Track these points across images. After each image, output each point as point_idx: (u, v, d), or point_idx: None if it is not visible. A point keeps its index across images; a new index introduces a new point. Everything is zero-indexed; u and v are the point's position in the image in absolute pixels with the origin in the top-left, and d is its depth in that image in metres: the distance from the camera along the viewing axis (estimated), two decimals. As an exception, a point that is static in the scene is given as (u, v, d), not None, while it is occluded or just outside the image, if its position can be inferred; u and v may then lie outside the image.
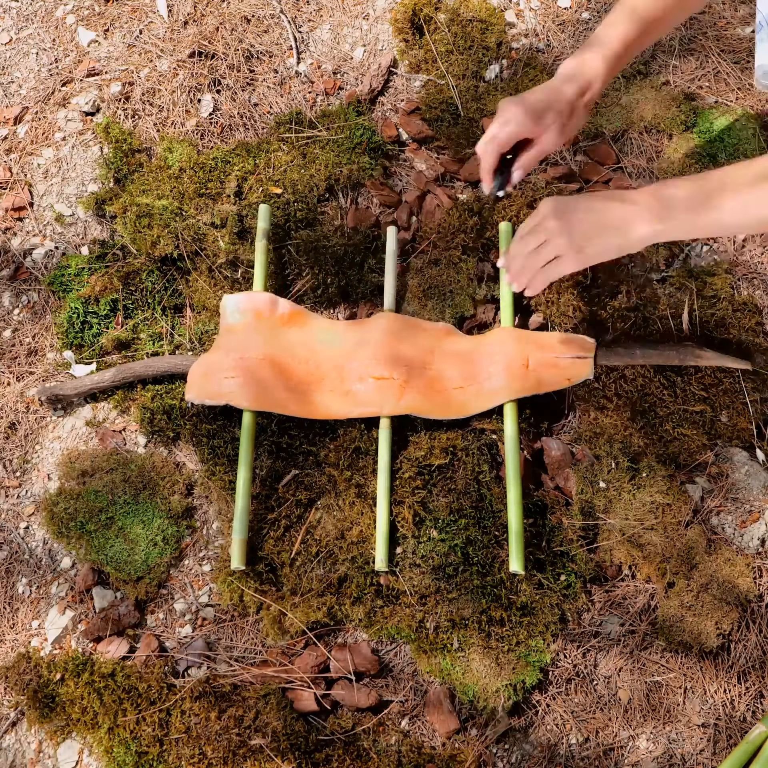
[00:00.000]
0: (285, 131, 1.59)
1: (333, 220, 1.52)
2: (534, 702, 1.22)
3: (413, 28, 1.68)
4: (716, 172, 1.05)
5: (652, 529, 1.27)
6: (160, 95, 1.66)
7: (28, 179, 1.62)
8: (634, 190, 1.09)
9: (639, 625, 1.25)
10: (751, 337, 1.39)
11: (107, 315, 1.47)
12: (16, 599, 1.33)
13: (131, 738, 1.19)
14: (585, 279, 1.45)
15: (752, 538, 1.28)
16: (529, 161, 1.18)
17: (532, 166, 1.19)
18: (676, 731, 1.21)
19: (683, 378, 1.37)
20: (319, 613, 1.25)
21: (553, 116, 1.15)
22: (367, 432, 1.34)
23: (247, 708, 1.20)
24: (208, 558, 1.33)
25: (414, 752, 1.19)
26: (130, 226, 1.50)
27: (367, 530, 1.28)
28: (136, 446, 1.40)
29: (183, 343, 1.45)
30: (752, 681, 1.22)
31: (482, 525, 1.27)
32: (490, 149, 1.17)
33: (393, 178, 1.58)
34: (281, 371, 1.36)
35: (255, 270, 1.43)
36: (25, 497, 1.39)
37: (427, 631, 1.24)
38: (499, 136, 1.15)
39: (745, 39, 1.64)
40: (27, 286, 1.54)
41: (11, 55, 1.75)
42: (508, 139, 1.16)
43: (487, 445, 1.33)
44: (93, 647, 1.28)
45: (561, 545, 1.27)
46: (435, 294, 1.43)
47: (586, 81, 1.17)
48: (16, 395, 1.45)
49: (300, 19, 1.74)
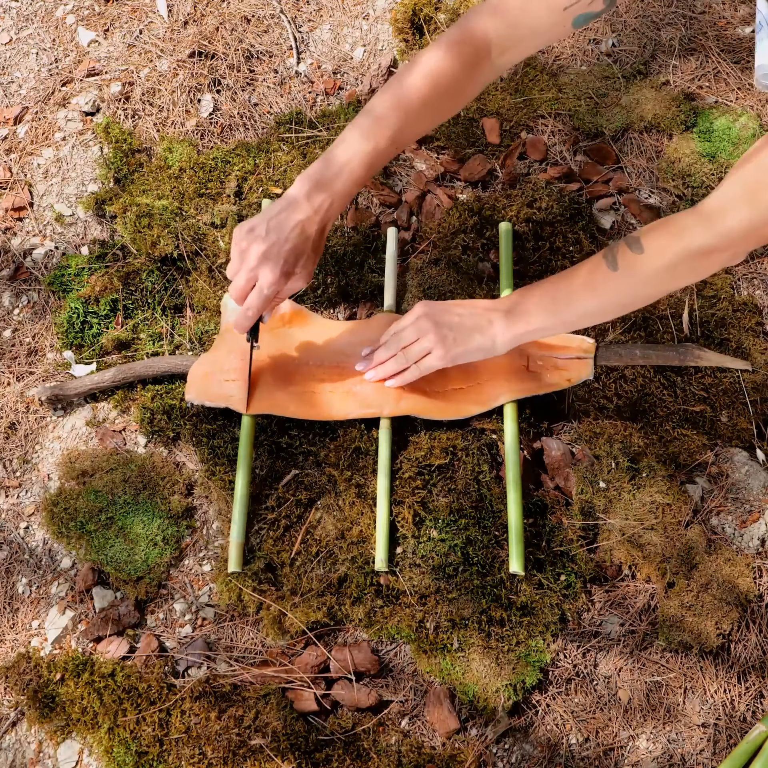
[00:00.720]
0: (285, 131, 1.59)
1: (333, 220, 1.53)
2: (534, 702, 1.22)
3: (413, 28, 1.68)
4: (563, 280, 1.16)
5: (652, 529, 1.27)
6: (160, 95, 1.66)
7: (28, 179, 1.62)
8: (498, 300, 1.22)
9: (639, 625, 1.25)
10: (751, 337, 1.39)
11: (107, 315, 1.47)
12: (16, 599, 1.33)
13: (131, 738, 1.19)
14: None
15: (752, 538, 1.28)
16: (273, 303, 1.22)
17: None
18: (676, 731, 1.21)
19: (683, 378, 1.37)
20: (319, 613, 1.25)
21: (303, 263, 1.18)
22: (367, 432, 1.34)
23: (247, 708, 1.20)
24: (208, 558, 1.33)
25: (414, 752, 1.19)
26: (130, 226, 1.50)
27: (367, 530, 1.28)
28: (136, 446, 1.40)
29: (183, 343, 1.45)
30: (752, 681, 1.22)
31: (482, 525, 1.27)
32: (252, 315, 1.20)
33: (393, 178, 1.58)
34: (281, 373, 1.36)
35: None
36: (25, 497, 1.39)
37: (427, 631, 1.24)
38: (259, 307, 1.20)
39: (745, 39, 1.64)
40: (27, 286, 1.54)
41: (11, 55, 1.76)
42: None
43: (487, 445, 1.33)
44: (93, 647, 1.28)
45: (561, 545, 1.27)
46: (435, 294, 1.43)
47: (329, 216, 1.17)
48: (16, 395, 1.45)
49: (300, 19, 1.74)
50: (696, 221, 1.03)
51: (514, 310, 1.18)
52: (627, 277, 1.09)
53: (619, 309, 1.17)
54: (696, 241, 1.03)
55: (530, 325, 1.17)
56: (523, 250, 1.47)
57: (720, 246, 1.02)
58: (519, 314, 1.17)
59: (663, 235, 1.06)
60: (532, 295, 1.18)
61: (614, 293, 1.12)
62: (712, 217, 1.01)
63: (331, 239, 1.49)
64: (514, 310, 1.18)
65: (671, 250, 1.05)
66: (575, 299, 1.14)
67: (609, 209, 1.53)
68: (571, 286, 1.14)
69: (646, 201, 1.53)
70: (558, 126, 1.59)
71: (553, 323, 1.17)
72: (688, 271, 1.07)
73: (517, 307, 1.18)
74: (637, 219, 1.51)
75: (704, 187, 1.50)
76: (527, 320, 1.17)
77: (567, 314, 1.16)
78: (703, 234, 1.02)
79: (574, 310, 1.15)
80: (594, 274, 1.12)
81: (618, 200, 1.53)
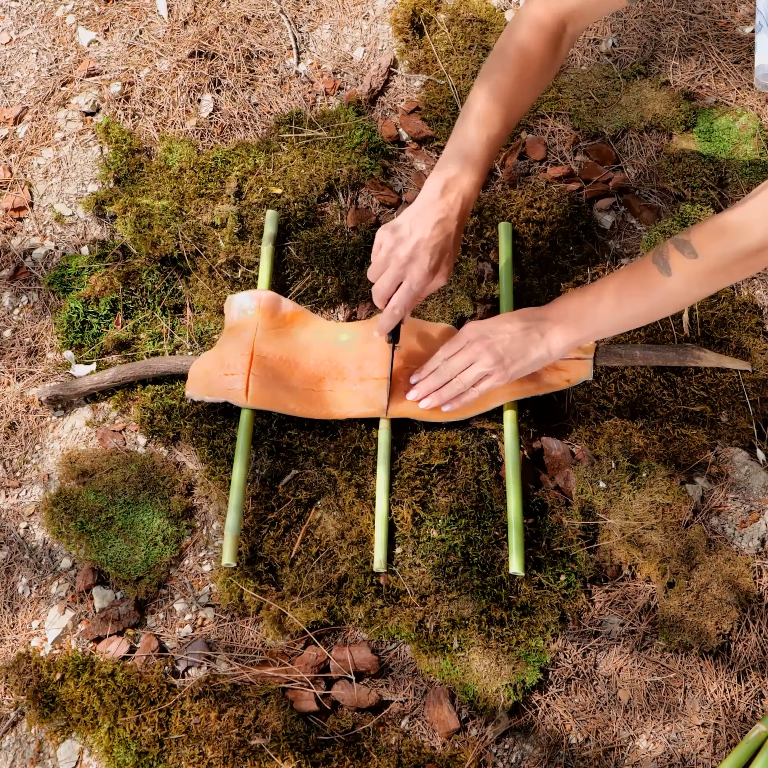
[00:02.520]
0: (285, 131, 1.59)
1: (333, 220, 1.52)
2: (534, 702, 1.22)
3: (413, 28, 1.68)
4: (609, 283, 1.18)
5: (652, 529, 1.27)
6: (160, 95, 1.66)
7: (28, 179, 1.62)
8: (544, 309, 1.23)
9: (639, 625, 1.25)
10: (751, 337, 1.39)
11: (107, 315, 1.47)
12: (16, 599, 1.33)
13: (131, 738, 1.19)
14: (585, 279, 1.45)
15: (752, 538, 1.28)
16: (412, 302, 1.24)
17: None
18: (676, 731, 1.21)
19: (683, 378, 1.37)
20: (319, 613, 1.25)
21: (446, 260, 1.21)
22: (367, 432, 1.34)
23: (247, 708, 1.20)
24: (208, 558, 1.33)
25: (414, 752, 1.19)
26: (130, 226, 1.50)
27: (367, 530, 1.28)
28: (136, 446, 1.40)
29: (183, 343, 1.45)
30: (752, 681, 1.22)
31: (482, 525, 1.27)
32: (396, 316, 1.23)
33: (393, 178, 1.58)
34: (282, 370, 1.36)
35: (260, 273, 1.44)
36: (25, 497, 1.39)
37: (427, 631, 1.24)
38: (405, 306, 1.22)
39: (745, 39, 1.64)
40: (27, 286, 1.54)
41: (11, 55, 1.76)
42: None
43: (487, 445, 1.33)
44: (93, 647, 1.28)
45: (561, 545, 1.27)
46: (435, 294, 1.43)
47: (464, 211, 1.20)
48: (16, 395, 1.45)
49: (300, 19, 1.74)
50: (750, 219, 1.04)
51: (566, 319, 1.20)
52: (681, 280, 1.10)
53: (672, 309, 1.19)
54: (752, 240, 1.04)
55: (585, 331, 1.20)
56: (523, 250, 1.47)
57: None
58: (573, 323, 1.19)
59: (716, 236, 1.07)
60: (583, 302, 1.19)
61: (667, 296, 1.13)
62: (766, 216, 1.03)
63: (331, 239, 1.49)
64: (567, 320, 1.20)
65: (727, 251, 1.06)
66: (627, 305, 1.16)
67: (609, 209, 1.53)
68: (622, 294, 1.16)
69: (646, 201, 1.53)
70: (558, 126, 1.59)
71: (606, 328, 1.20)
72: (741, 270, 1.09)
73: (569, 316, 1.20)
74: (637, 219, 1.51)
75: (704, 187, 1.50)
76: (582, 327, 1.19)
77: (621, 319, 1.18)
78: (760, 232, 1.03)
79: (627, 314, 1.17)
80: (646, 278, 1.13)
81: (618, 200, 1.53)
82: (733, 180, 1.51)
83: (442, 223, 1.18)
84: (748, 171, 1.51)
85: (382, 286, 1.21)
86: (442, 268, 1.21)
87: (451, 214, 1.19)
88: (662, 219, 1.50)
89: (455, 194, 1.19)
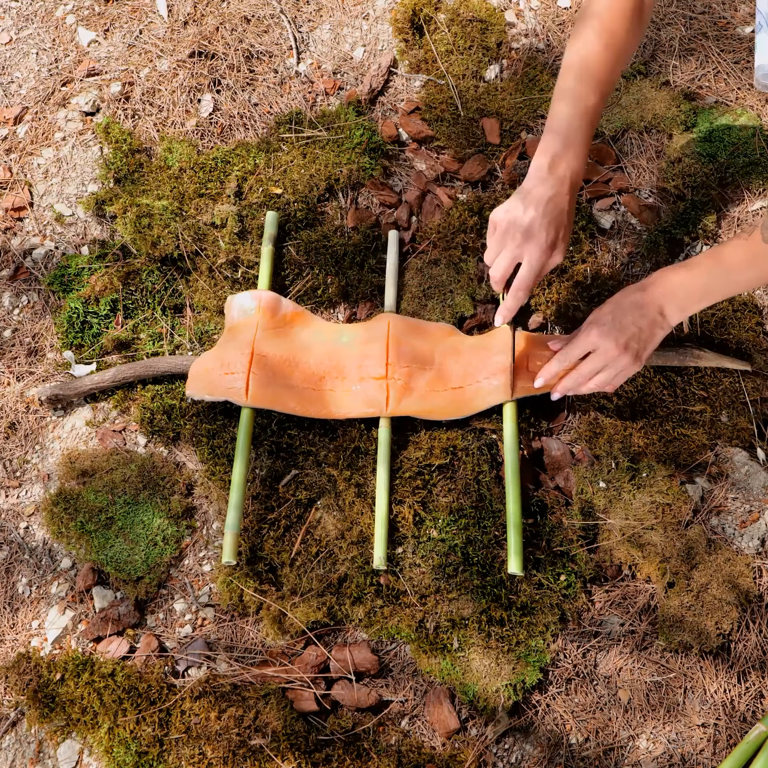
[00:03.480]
0: (285, 131, 1.59)
1: (333, 220, 1.53)
2: (534, 702, 1.22)
3: (413, 28, 1.68)
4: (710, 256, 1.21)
5: (652, 529, 1.27)
6: (160, 95, 1.66)
7: (28, 179, 1.62)
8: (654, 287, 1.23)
9: (639, 625, 1.25)
10: (751, 337, 1.39)
11: (107, 315, 1.47)
12: (16, 599, 1.33)
13: (131, 738, 1.19)
14: (585, 279, 1.45)
15: (752, 538, 1.28)
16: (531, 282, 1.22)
17: None
18: (676, 731, 1.21)
19: (683, 378, 1.37)
20: (319, 613, 1.25)
21: (562, 236, 1.20)
22: (367, 432, 1.34)
23: (247, 708, 1.20)
24: (208, 558, 1.33)
25: (414, 752, 1.19)
26: (130, 226, 1.50)
27: (367, 530, 1.28)
28: (136, 446, 1.40)
29: (183, 343, 1.45)
30: (752, 681, 1.22)
31: (482, 525, 1.27)
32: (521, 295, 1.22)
33: (393, 178, 1.58)
34: (282, 369, 1.36)
35: (260, 274, 1.44)
36: (25, 497, 1.39)
37: (427, 631, 1.24)
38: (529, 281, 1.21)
39: (745, 39, 1.64)
40: (27, 286, 1.54)
41: (11, 55, 1.75)
42: None
43: (487, 445, 1.33)
44: (93, 647, 1.28)
45: (561, 545, 1.27)
46: (435, 294, 1.43)
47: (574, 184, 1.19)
48: (16, 395, 1.45)
49: (300, 19, 1.74)
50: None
51: (677, 293, 1.21)
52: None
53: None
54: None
55: (700, 304, 1.23)
56: (523, 250, 1.47)
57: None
58: (687, 297, 1.21)
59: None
60: (694, 275, 1.21)
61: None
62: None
63: (331, 239, 1.49)
64: (678, 294, 1.21)
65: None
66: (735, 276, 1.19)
67: (609, 209, 1.53)
68: (732, 264, 1.18)
69: (646, 201, 1.53)
70: (558, 126, 1.59)
71: (716, 298, 1.23)
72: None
73: (682, 290, 1.21)
74: (637, 219, 1.51)
75: (704, 186, 1.50)
76: (697, 299, 1.22)
77: (727, 288, 1.22)
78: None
79: (734, 284, 1.21)
80: (753, 248, 1.15)
81: (618, 200, 1.53)
82: (733, 180, 1.51)
83: (554, 199, 1.17)
84: (748, 171, 1.51)
85: (501, 266, 1.20)
86: (558, 244, 1.19)
87: (562, 189, 1.17)
88: (662, 219, 1.50)
89: (563, 169, 1.17)
